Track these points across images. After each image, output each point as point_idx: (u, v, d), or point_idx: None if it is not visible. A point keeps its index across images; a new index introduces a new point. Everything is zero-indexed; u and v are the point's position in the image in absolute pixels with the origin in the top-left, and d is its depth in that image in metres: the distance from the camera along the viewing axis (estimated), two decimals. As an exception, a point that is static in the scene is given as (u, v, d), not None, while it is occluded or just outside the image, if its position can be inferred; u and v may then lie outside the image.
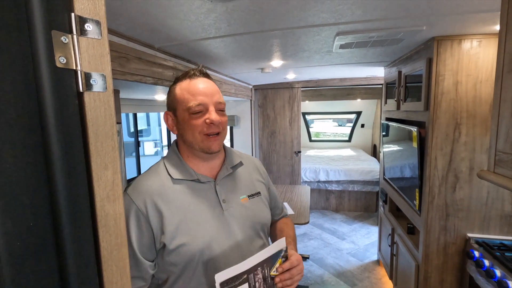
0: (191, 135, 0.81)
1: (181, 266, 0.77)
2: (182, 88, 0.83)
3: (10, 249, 0.30)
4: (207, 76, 0.87)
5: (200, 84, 0.82)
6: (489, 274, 1.36)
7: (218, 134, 0.82)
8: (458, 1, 1.07)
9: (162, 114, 4.21)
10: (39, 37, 0.31)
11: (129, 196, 0.78)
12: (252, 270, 0.72)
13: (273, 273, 0.76)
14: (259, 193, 0.95)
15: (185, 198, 0.81)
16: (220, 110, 0.84)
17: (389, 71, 2.51)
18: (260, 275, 0.73)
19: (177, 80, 0.86)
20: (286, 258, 0.80)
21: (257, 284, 0.73)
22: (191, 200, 0.81)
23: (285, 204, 2.66)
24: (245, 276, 0.70)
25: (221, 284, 0.67)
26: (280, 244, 0.78)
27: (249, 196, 0.91)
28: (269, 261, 0.75)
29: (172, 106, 0.85)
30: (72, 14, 0.35)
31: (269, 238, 1.00)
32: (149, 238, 0.77)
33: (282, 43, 1.65)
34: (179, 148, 0.89)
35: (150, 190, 0.79)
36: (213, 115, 0.80)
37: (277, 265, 0.77)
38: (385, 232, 2.66)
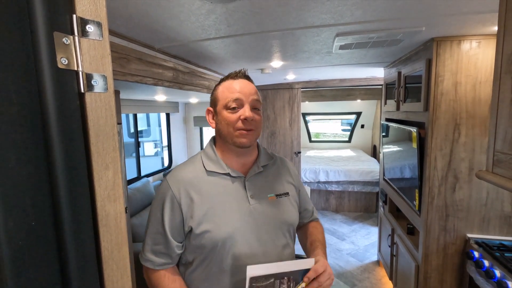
0: (226, 129, 0.87)
1: (205, 251, 0.83)
2: (223, 86, 0.90)
3: (12, 248, 0.30)
4: (247, 78, 0.93)
5: (239, 83, 0.88)
6: (488, 275, 1.36)
7: (250, 130, 0.87)
8: (457, 2, 1.08)
9: (162, 114, 4.21)
10: (41, 39, 0.32)
11: (167, 182, 0.87)
12: (280, 276, 0.73)
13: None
14: (287, 193, 0.97)
15: (215, 189, 0.87)
16: (256, 109, 0.89)
17: (389, 71, 2.51)
18: (285, 285, 0.74)
19: (221, 80, 0.93)
20: (314, 279, 0.79)
21: None
22: (221, 192, 0.87)
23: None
24: (272, 279, 0.71)
25: (251, 279, 0.68)
26: (308, 263, 0.78)
27: (277, 195, 0.94)
28: (297, 275, 0.76)
29: (213, 102, 0.92)
30: (74, 16, 0.35)
31: (294, 242, 1.00)
32: (180, 221, 0.84)
33: (282, 44, 1.66)
34: (215, 143, 0.95)
35: (185, 179, 0.87)
36: (247, 112, 0.85)
37: (303, 284, 0.76)
38: (385, 233, 2.66)
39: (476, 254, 1.54)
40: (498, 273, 1.34)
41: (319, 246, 0.96)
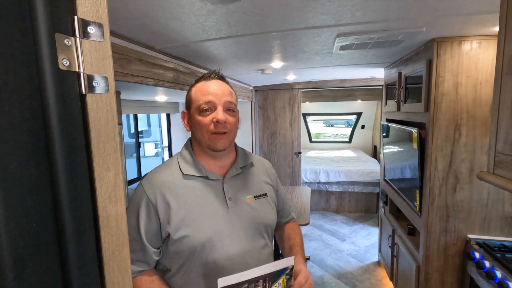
0: (200, 133, 0.85)
1: (184, 256, 0.81)
2: (197, 88, 0.88)
3: (14, 249, 0.30)
4: (222, 78, 0.91)
5: (212, 85, 0.86)
6: (489, 276, 1.36)
7: (224, 133, 0.85)
8: (458, 2, 1.08)
9: (162, 115, 4.22)
10: (43, 40, 0.32)
11: (142, 186, 0.84)
12: (254, 280, 0.73)
13: (274, 287, 0.77)
14: (265, 194, 0.97)
15: (193, 193, 0.85)
16: (230, 110, 0.87)
17: (389, 72, 2.51)
18: (260, 287, 0.74)
19: (195, 81, 0.91)
20: (291, 276, 0.81)
21: None
22: (199, 195, 0.85)
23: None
24: (245, 285, 0.71)
25: None
26: (288, 262, 0.79)
27: (255, 197, 0.93)
28: (272, 276, 0.76)
29: (188, 105, 0.90)
30: (75, 17, 0.35)
31: (272, 241, 1.00)
32: (156, 226, 0.82)
33: (282, 45, 1.66)
34: (192, 146, 0.93)
35: (161, 183, 0.84)
36: (219, 114, 0.83)
37: (280, 281, 0.78)
38: (385, 233, 2.66)
39: (477, 255, 1.53)
40: (499, 274, 1.33)
41: (298, 251, 0.97)
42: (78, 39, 0.36)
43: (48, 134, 0.33)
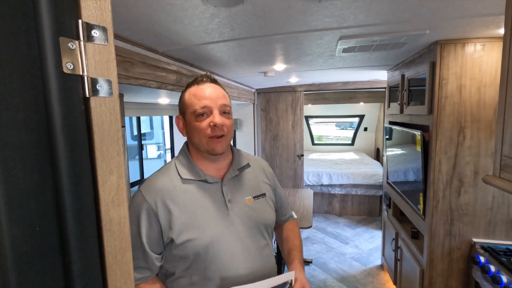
0: (197, 137, 0.86)
1: (187, 260, 0.82)
2: (190, 93, 0.88)
3: (17, 253, 0.30)
4: (214, 81, 0.91)
5: (206, 89, 0.87)
6: (495, 280, 1.34)
7: (222, 136, 0.85)
8: (461, 5, 1.07)
9: (165, 117, 4.23)
10: (47, 44, 0.32)
11: (141, 193, 0.84)
12: None
13: None
14: (264, 194, 0.98)
15: (193, 197, 0.85)
16: (225, 113, 0.87)
17: (392, 74, 2.50)
18: None
19: (187, 86, 0.91)
20: None
21: None
22: (199, 199, 0.86)
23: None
24: None
25: None
26: (288, 276, 0.83)
27: (254, 197, 0.94)
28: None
29: (182, 110, 0.90)
30: (79, 21, 0.36)
31: (272, 239, 1.02)
32: (158, 233, 0.82)
33: (285, 47, 1.66)
34: (189, 150, 0.93)
35: (160, 189, 0.84)
36: (216, 118, 0.83)
37: None
38: (388, 237, 2.63)
39: (482, 259, 1.51)
40: (504, 278, 1.32)
41: (296, 256, 0.99)
42: (82, 43, 0.36)
43: (52, 138, 0.33)
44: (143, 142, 3.73)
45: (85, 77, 0.36)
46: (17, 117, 0.30)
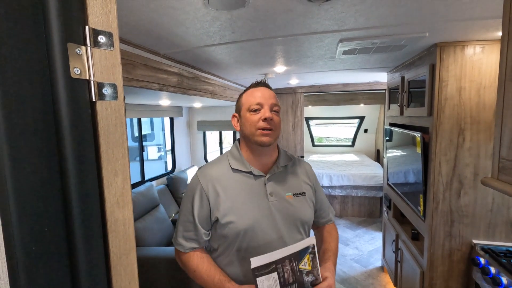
0: (249, 129, 0.97)
1: (229, 239, 0.94)
2: (247, 94, 1.02)
3: (26, 253, 0.31)
4: (267, 86, 1.05)
5: (261, 90, 1.00)
6: (495, 282, 1.34)
7: (270, 130, 0.96)
8: (461, 8, 1.08)
9: (166, 119, 4.24)
10: (56, 49, 0.33)
11: (198, 178, 0.99)
12: (281, 261, 0.82)
13: (301, 266, 0.85)
14: (304, 193, 1.05)
15: (239, 185, 0.98)
16: (275, 112, 0.99)
17: (392, 76, 2.51)
18: (288, 267, 0.83)
19: (245, 90, 1.05)
20: (314, 254, 0.88)
21: (285, 274, 0.83)
22: (244, 188, 0.98)
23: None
24: (273, 266, 0.81)
25: (253, 269, 0.79)
26: (310, 241, 0.88)
27: (294, 195, 1.02)
28: (297, 256, 0.85)
29: (238, 108, 1.03)
30: (86, 27, 0.37)
31: (309, 237, 1.07)
32: (207, 211, 0.95)
33: (285, 50, 1.67)
34: (240, 145, 1.05)
35: (213, 175, 0.98)
36: (267, 113, 0.95)
37: (305, 260, 0.87)
38: (389, 238, 2.64)
39: (482, 260, 1.52)
40: (505, 280, 1.32)
41: (330, 257, 1.04)
42: (89, 48, 0.37)
43: (60, 141, 0.34)
44: (143, 143, 3.74)
45: (92, 82, 0.37)
46: (27, 121, 0.30)
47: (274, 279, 0.81)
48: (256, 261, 0.80)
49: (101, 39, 0.38)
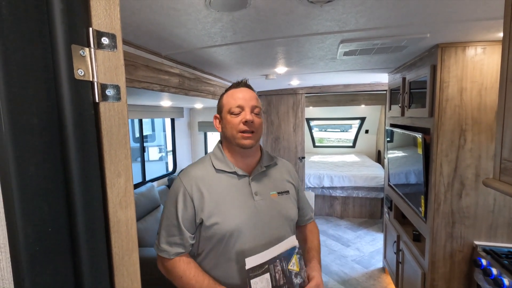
0: (230, 132, 0.96)
1: (214, 241, 0.92)
2: (227, 95, 1.01)
3: (30, 253, 0.31)
4: (248, 86, 1.04)
5: (242, 92, 0.99)
6: (497, 283, 1.34)
7: (252, 132, 0.95)
8: (462, 9, 1.08)
9: (167, 120, 4.25)
10: (60, 51, 0.33)
11: (180, 179, 0.97)
12: (272, 261, 0.83)
13: (290, 267, 0.86)
14: (287, 192, 1.06)
15: (223, 186, 0.96)
16: (255, 114, 0.98)
17: (393, 77, 2.51)
18: (279, 267, 0.84)
19: (226, 90, 1.04)
20: (301, 255, 0.90)
21: (277, 275, 0.83)
22: (228, 188, 0.96)
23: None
24: (266, 266, 0.82)
25: (248, 270, 0.79)
26: (291, 241, 0.90)
27: (278, 193, 1.03)
28: (286, 256, 0.86)
29: (219, 109, 1.02)
30: (90, 29, 0.37)
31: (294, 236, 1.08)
32: (191, 213, 0.93)
33: (286, 51, 1.67)
34: (222, 146, 1.05)
35: (196, 176, 0.96)
36: (248, 115, 0.94)
37: (293, 260, 0.88)
38: (390, 239, 2.63)
39: (484, 262, 1.51)
40: (506, 281, 1.32)
41: (315, 255, 1.06)
42: (92, 50, 0.37)
43: (64, 142, 0.34)
44: (145, 144, 3.74)
45: (95, 83, 0.38)
46: (32, 122, 0.31)
47: (267, 280, 0.81)
48: (250, 262, 0.79)
49: (105, 40, 0.38)
